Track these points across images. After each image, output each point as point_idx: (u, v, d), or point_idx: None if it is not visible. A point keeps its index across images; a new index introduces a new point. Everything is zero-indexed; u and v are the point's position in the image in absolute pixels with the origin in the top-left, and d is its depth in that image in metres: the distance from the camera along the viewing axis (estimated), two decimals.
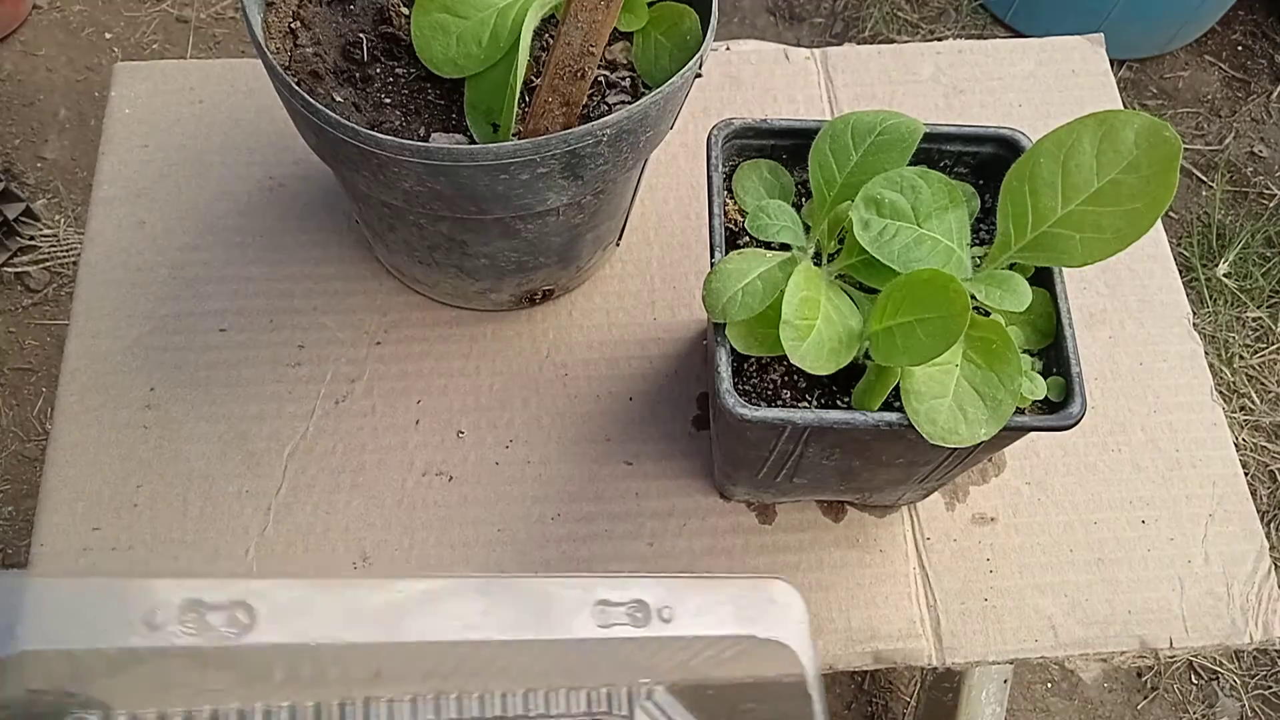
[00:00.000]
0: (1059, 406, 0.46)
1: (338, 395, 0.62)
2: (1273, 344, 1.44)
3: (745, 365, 0.49)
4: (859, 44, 0.77)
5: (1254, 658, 1.26)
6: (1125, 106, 0.79)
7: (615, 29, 0.54)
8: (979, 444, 0.43)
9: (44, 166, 1.47)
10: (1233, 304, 1.47)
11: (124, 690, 0.31)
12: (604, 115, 0.49)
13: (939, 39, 1.69)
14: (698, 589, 0.38)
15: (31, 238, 1.37)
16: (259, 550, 0.57)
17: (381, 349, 0.64)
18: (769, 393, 0.48)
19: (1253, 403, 1.40)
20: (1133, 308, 0.68)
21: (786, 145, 0.53)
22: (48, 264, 1.37)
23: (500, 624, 0.35)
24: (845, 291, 0.47)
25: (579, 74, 0.49)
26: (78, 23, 1.59)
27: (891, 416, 0.44)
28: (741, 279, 0.45)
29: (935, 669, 0.59)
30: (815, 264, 0.48)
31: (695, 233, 0.69)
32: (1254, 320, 1.46)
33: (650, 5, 0.54)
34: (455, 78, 0.53)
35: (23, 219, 1.35)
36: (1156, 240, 0.71)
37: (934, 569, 0.59)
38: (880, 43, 1.09)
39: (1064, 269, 0.48)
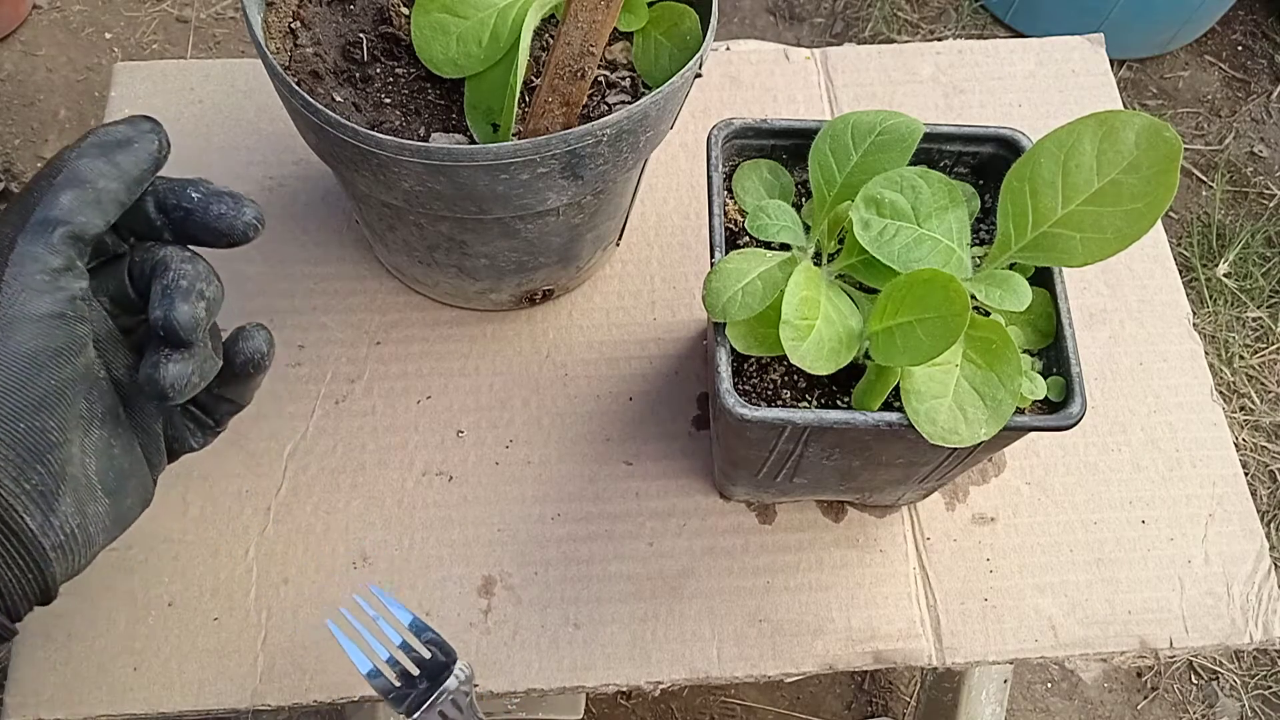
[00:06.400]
0: (1059, 406, 0.46)
1: (338, 395, 0.62)
2: (1273, 344, 1.44)
3: (745, 365, 0.49)
4: (859, 44, 0.77)
5: (1254, 658, 1.26)
6: (1125, 106, 0.79)
7: (615, 29, 0.54)
8: (979, 444, 0.43)
9: None
10: (1233, 304, 1.47)
11: None
12: (604, 115, 0.49)
13: (939, 39, 1.69)
14: None
15: None
16: (259, 550, 0.57)
17: (381, 349, 0.64)
18: (769, 393, 0.48)
19: (1253, 403, 1.40)
20: (1133, 308, 0.68)
21: (786, 145, 0.53)
22: None
23: None
24: (845, 291, 0.47)
25: (579, 74, 0.49)
26: (78, 23, 1.59)
27: (891, 416, 0.44)
28: (741, 279, 0.45)
29: (935, 669, 0.58)
30: (815, 264, 0.48)
31: (695, 233, 0.69)
32: (1254, 320, 1.46)
33: (650, 5, 0.54)
34: (455, 78, 0.53)
35: None
36: (1156, 240, 0.71)
37: (934, 569, 0.59)
38: (880, 43, 1.09)
39: (1064, 269, 0.48)
